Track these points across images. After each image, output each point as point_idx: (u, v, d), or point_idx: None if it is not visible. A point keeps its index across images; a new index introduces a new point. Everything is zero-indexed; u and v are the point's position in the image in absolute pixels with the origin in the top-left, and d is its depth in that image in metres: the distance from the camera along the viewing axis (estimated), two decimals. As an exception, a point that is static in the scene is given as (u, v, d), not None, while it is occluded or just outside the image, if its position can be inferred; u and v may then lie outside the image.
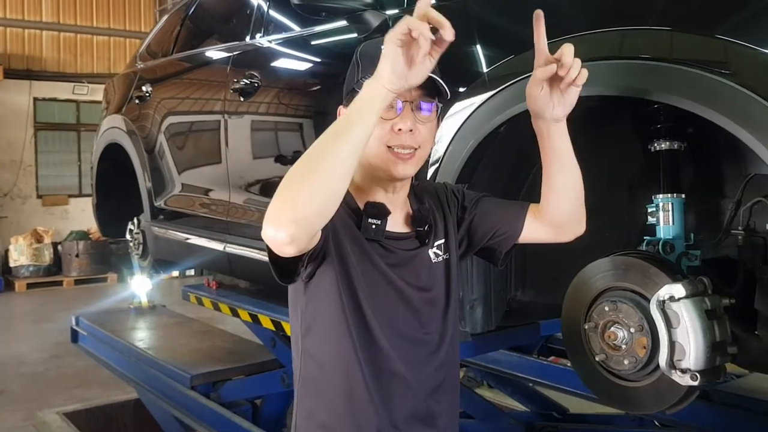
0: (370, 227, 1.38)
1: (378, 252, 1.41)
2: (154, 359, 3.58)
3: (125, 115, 4.00)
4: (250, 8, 3.02)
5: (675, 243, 1.64)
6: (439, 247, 1.49)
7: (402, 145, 1.36)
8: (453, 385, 1.52)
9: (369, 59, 1.35)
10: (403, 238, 1.45)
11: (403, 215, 1.48)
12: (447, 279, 1.50)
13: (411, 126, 1.35)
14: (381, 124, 1.33)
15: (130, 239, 4.23)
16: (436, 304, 1.48)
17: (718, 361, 1.43)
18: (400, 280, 1.42)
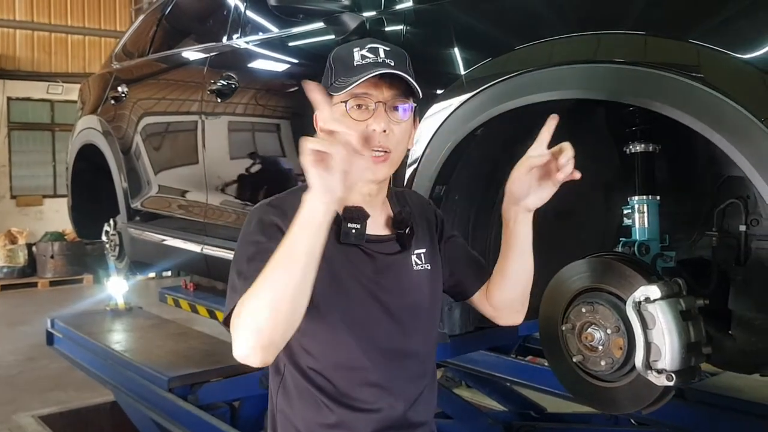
0: (350, 232, 1.36)
1: (358, 260, 1.38)
2: (130, 362, 3.54)
3: (101, 116, 3.96)
4: (227, 9, 3.00)
5: (650, 244, 1.66)
6: (419, 256, 1.47)
7: (376, 147, 1.34)
8: (432, 394, 1.50)
9: (341, 62, 1.35)
10: (384, 241, 1.43)
11: (383, 218, 1.46)
12: (430, 288, 1.47)
13: (384, 127, 1.33)
14: (355, 126, 1.30)
15: (106, 241, 4.18)
16: (418, 312, 1.45)
17: (693, 361, 1.45)
18: (381, 290, 1.39)
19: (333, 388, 1.37)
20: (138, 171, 3.56)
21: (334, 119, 1.10)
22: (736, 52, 1.26)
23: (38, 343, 5.17)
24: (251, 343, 1.17)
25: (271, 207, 1.37)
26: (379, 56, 1.34)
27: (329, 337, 1.37)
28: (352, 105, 1.33)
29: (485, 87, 1.71)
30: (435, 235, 1.53)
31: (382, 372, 1.38)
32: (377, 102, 1.34)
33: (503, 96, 1.67)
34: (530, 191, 1.37)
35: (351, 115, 1.33)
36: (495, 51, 1.73)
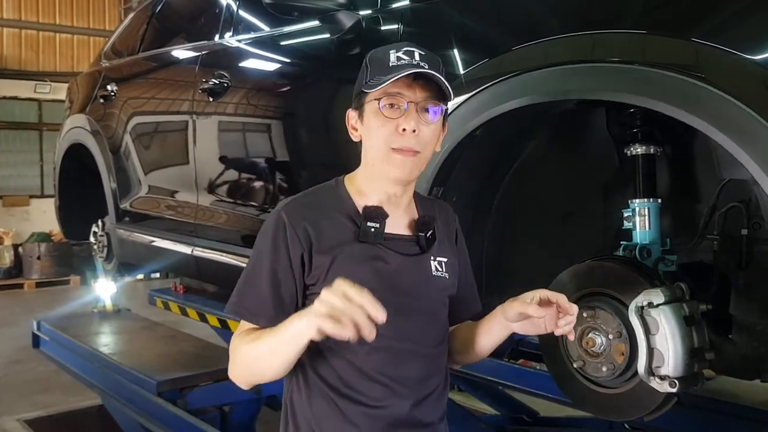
0: (369, 230, 1.39)
1: (376, 258, 1.40)
2: (119, 365, 3.49)
3: (89, 115, 3.91)
4: (219, 7, 2.96)
5: (652, 248, 1.63)
6: (440, 264, 1.47)
7: (404, 147, 1.36)
8: (443, 395, 1.49)
9: (377, 62, 1.38)
10: (404, 241, 1.45)
11: (406, 220, 1.48)
12: (444, 296, 1.48)
13: (414, 126, 1.35)
14: (385, 124, 1.36)
15: (94, 242, 4.13)
16: (430, 315, 1.46)
17: (696, 367, 1.42)
18: (395, 289, 1.40)
19: (341, 383, 1.38)
20: (127, 171, 3.51)
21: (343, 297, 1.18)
22: (742, 51, 1.23)
23: (24, 346, 5.11)
24: (241, 380, 1.40)
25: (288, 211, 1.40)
26: (414, 58, 1.37)
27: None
28: (384, 103, 1.36)
29: (483, 87, 1.68)
30: (455, 250, 1.54)
31: (391, 369, 1.39)
32: (409, 102, 1.36)
33: (502, 97, 1.64)
34: (521, 320, 1.40)
35: (383, 113, 1.36)
36: (493, 51, 1.71)
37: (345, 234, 1.40)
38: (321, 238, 1.38)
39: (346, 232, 1.40)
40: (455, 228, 1.58)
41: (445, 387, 1.52)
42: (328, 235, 1.38)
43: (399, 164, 1.37)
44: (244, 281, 1.42)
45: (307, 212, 1.40)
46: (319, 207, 1.43)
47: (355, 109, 1.44)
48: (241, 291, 1.42)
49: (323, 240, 1.38)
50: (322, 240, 1.38)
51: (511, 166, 1.91)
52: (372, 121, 1.38)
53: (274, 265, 1.38)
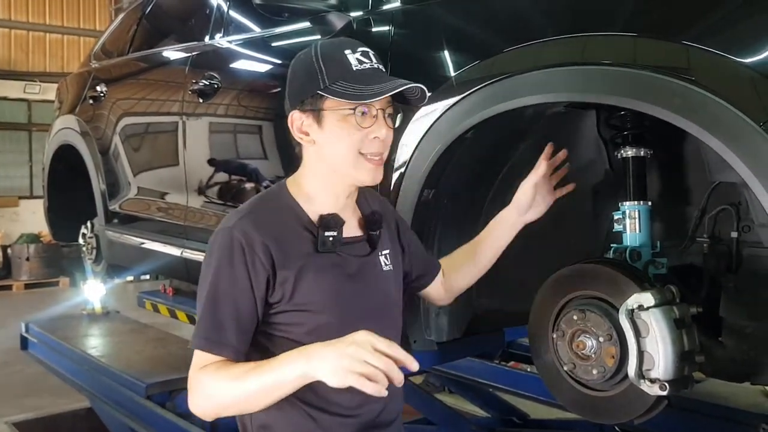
0: (327, 240, 1.37)
1: (333, 265, 1.38)
2: (107, 368, 3.45)
3: (79, 116, 3.88)
4: (209, 8, 2.94)
5: (642, 251, 1.63)
6: (386, 257, 1.49)
7: (375, 153, 1.36)
8: (400, 390, 1.47)
9: (336, 64, 1.34)
10: (356, 242, 1.45)
11: (355, 220, 1.48)
12: (395, 288, 1.51)
13: (386, 134, 1.36)
14: (357, 132, 1.34)
15: (83, 243, 4.10)
16: (387, 312, 1.48)
17: (687, 370, 1.42)
18: (355, 294, 1.40)
19: (312, 394, 1.35)
20: (116, 172, 3.49)
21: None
22: (733, 54, 1.23)
23: (12, 348, 5.04)
24: (210, 413, 1.33)
25: (243, 230, 1.34)
26: (372, 61, 1.37)
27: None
28: (359, 112, 1.34)
29: (475, 89, 1.67)
30: (395, 235, 1.57)
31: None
32: (378, 109, 1.35)
33: (493, 99, 1.63)
34: (534, 202, 1.63)
35: (358, 122, 1.34)
36: (484, 53, 1.70)
37: (304, 246, 1.36)
38: (282, 254, 1.32)
39: (305, 244, 1.36)
40: (391, 213, 1.60)
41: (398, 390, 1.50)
42: (289, 249, 1.34)
43: (370, 170, 1.37)
44: (205, 314, 1.33)
45: (263, 228, 1.33)
46: (272, 220, 1.36)
47: (306, 111, 1.37)
48: (203, 325, 1.33)
49: (285, 256, 1.32)
50: (284, 256, 1.32)
51: (502, 168, 1.90)
52: (339, 129, 1.34)
53: (234, 291, 1.31)
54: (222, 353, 1.31)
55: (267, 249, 1.32)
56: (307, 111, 1.37)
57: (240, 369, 1.28)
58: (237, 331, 1.32)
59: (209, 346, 1.32)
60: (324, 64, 1.34)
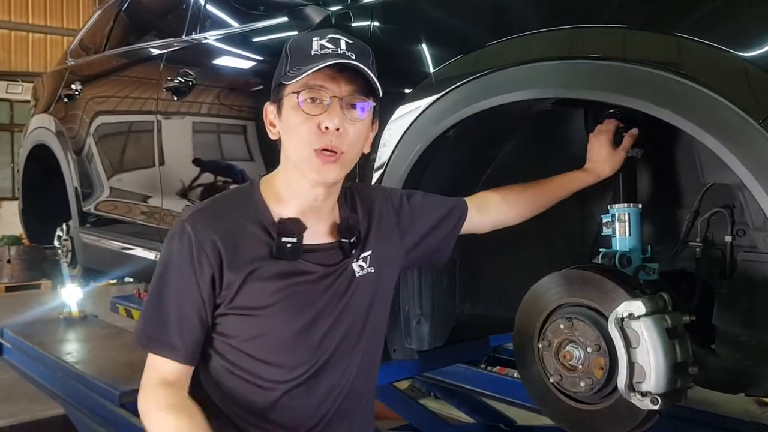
0: (285, 247, 1.27)
1: (294, 273, 1.30)
2: (81, 374, 3.36)
3: (53, 115, 3.80)
4: (186, 3, 2.86)
5: (632, 255, 1.56)
6: (365, 260, 1.39)
7: (327, 147, 1.24)
8: (362, 409, 1.42)
9: (298, 51, 1.26)
10: (325, 250, 1.35)
11: (329, 224, 1.38)
12: (372, 294, 1.40)
13: (338, 125, 1.24)
14: (306, 122, 1.24)
15: (58, 246, 4.01)
16: (358, 322, 1.38)
17: (680, 382, 1.34)
18: (314, 306, 1.32)
19: (251, 414, 1.30)
20: (90, 173, 3.40)
21: None
22: (730, 47, 1.16)
23: (-12, 353, 4.95)
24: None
25: (194, 225, 1.28)
26: (339, 47, 1.25)
27: (260, 359, 1.30)
28: (305, 97, 1.24)
29: (456, 86, 1.59)
30: (394, 230, 1.47)
31: (302, 400, 1.32)
32: (332, 97, 1.24)
33: (476, 95, 1.56)
34: (605, 157, 1.57)
35: (303, 109, 1.24)
36: (467, 47, 1.62)
37: (259, 249, 1.27)
38: (232, 255, 1.25)
39: (261, 247, 1.27)
40: (393, 204, 1.50)
41: (369, 397, 1.45)
42: (241, 250, 1.26)
43: (319, 168, 1.25)
44: (148, 310, 1.29)
45: (217, 224, 1.26)
46: (230, 217, 1.29)
47: (274, 102, 1.31)
48: (146, 321, 1.29)
49: (235, 257, 1.25)
50: (234, 257, 1.25)
51: (486, 168, 1.83)
52: (291, 118, 1.26)
53: (180, 290, 1.25)
54: (164, 354, 1.26)
55: (216, 247, 1.25)
56: (274, 102, 1.32)
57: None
58: (180, 330, 1.26)
59: (152, 346, 1.27)
60: (290, 53, 1.28)
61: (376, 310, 1.43)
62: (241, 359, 1.29)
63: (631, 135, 1.59)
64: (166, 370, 1.28)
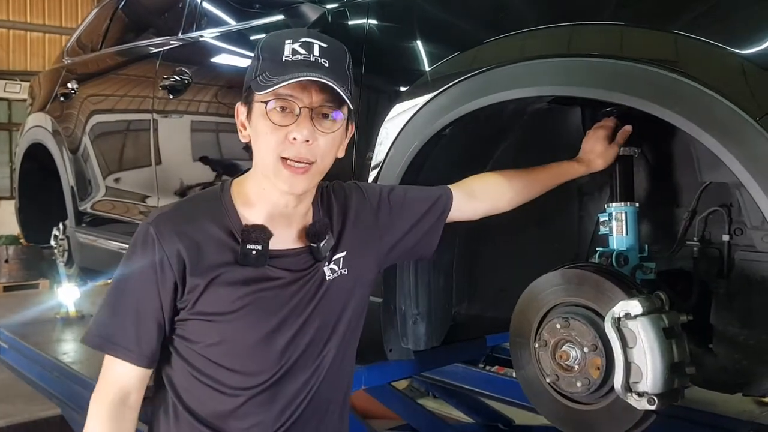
0: (249, 254, 1.23)
1: (259, 279, 1.26)
2: (77, 374, 3.36)
3: (50, 114, 3.78)
4: (182, 1, 2.85)
5: (629, 255, 1.55)
6: (336, 262, 1.35)
7: (296, 157, 1.21)
8: (328, 420, 1.39)
9: (269, 54, 1.22)
10: (294, 255, 1.31)
11: (299, 228, 1.33)
12: (346, 296, 1.37)
13: (308, 136, 1.20)
14: (274, 132, 1.20)
15: (55, 245, 3.99)
16: (329, 326, 1.34)
17: (677, 382, 1.33)
18: (282, 313, 1.29)
19: (216, 413, 1.28)
20: (86, 172, 3.40)
21: None
22: (729, 45, 1.15)
23: (-15, 353, 4.93)
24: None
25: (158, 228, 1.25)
26: (312, 53, 1.20)
27: (222, 364, 1.27)
28: (273, 107, 1.19)
29: (453, 84, 1.58)
30: (372, 228, 1.44)
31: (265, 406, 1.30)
32: (302, 107, 1.19)
33: (472, 93, 1.54)
34: (599, 151, 1.57)
35: (271, 119, 1.20)
36: (463, 45, 1.61)
37: (224, 255, 1.24)
38: (195, 260, 1.22)
39: (225, 253, 1.24)
40: (371, 203, 1.46)
41: (344, 402, 1.43)
42: (205, 256, 1.23)
43: (286, 178, 1.22)
44: (104, 307, 1.26)
45: (181, 228, 1.23)
46: (195, 221, 1.25)
47: (244, 104, 1.27)
48: (102, 319, 1.26)
49: (198, 262, 1.22)
50: (197, 262, 1.22)
51: (483, 167, 1.81)
52: (260, 125, 1.22)
53: (139, 292, 1.23)
54: (120, 356, 1.24)
55: (179, 252, 1.22)
56: (245, 104, 1.28)
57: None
58: (137, 333, 1.24)
59: (107, 347, 1.25)
60: (262, 54, 1.24)
61: (350, 312, 1.39)
62: (205, 365, 1.27)
63: (625, 131, 1.58)
64: (120, 373, 1.26)
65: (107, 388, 1.27)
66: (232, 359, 1.26)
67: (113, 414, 1.25)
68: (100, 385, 1.27)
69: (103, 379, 1.27)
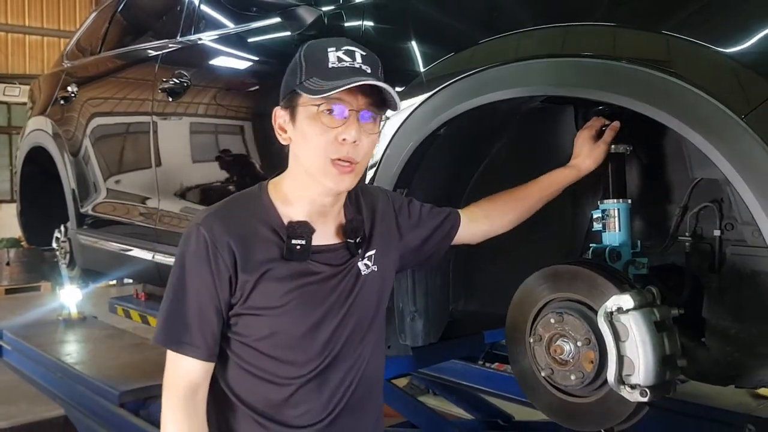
0: (294, 249, 1.32)
1: (304, 274, 1.34)
2: (81, 375, 3.39)
3: (50, 117, 3.80)
4: (180, 4, 2.87)
5: (621, 250, 1.57)
6: (369, 258, 1.44)
7: (344, 158, 1.28)
8: (369, 403, 1.48)
9: (315, 61, 1.29)
10: (332, 250, 1.39)
11: (335, 226, 1.42)
12: (376, 290, 1.45)
13: (356, 137, 1.28)
14: (324, 133, 1.28)
15: (56, 248, 4.02)
16: (365, 318, 1.43)
17: (668, 375, 1.36)
18: (327, 302, 1.37)
19: (265, 404, 1.35)
20: (87, 175, 3.41)
21: None
22: (715, 44, 1.17)
23: (-13, 355, 4.96)
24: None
25: (209, 228, 1.32)
26: (355, 60, 1.29)
27: (273, 356, 1.35)
28: (324, 109, 1.27)
29: (448, 84, 1.61)
30: (394, 229, 1.52)
31: (314, 394, 1.37)
32: (350, 110, 1.28)
33: (467, 93, 1.57)
34: (586, 152, 1.60)
35: (322, 120, 1.28)
36: (458, 46, 1.64)
37: (270, 251, 1.32)
38: (246, 257, 1.30)
39: (272, 249, 1.32)
40: (395, 206, 1.55)
41: (381, 392, 1.51)
42: (253, 252, 1.30)
43: (334, 176, 1.30)
44: (168, 310, 1.34)
45: (230, 227, 1.31)
46: (241, 220, 1.34)
47: (285, 108, 1.34)
48: (167, 321, 1.34)
49: (248, 259, 1.30)
50: (248, 259, 1.30)
51: (478, 166, 1.84)
52: (308, 127, 1.29)
53: (199, 291, 1.30)
54: (185, 352, 1.31)
55: (231, 249, 1.29)
56: (286, 108, 1.35)
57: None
58: (200, 328, 1.31)
59: (172, 344, 1.32)
60: (305, 61, 1.31)
61: (383, 306, 1.49)
62: (256, 357, 1.34)
63: (613, 128, 1.61)
64: (188, 369, 1.33)
65: (177, 383, 1.33)
66: (281, 350, 1.34)
67: (186, 409, 1.32)
68: (168, 383, 1.34)
69: (171, 376, 1.33)
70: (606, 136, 1.61)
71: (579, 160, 1.62)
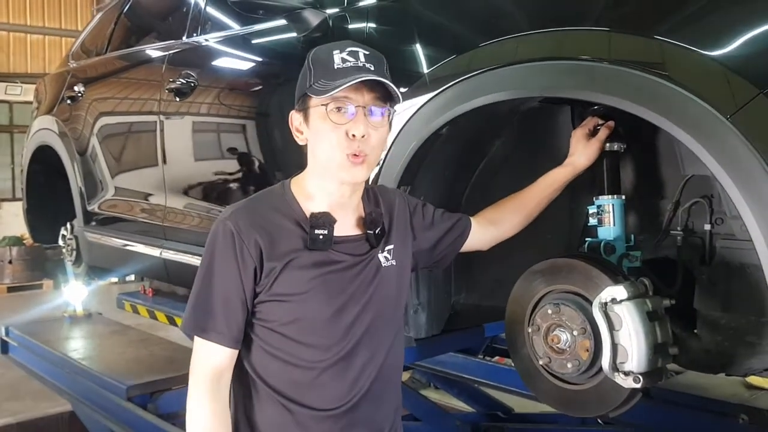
0: (317, 238, 1.40)
1: (327, 263, 1.42)
2: (88, 370, 3.44)
3: (56, 116, 3.85)
4: (186, 6, 2.92)
5: (616, 244, 1.64)
6: (389, 252, 1.51)
7: (355, 152, 1.37)
8: (389, 392, 1.53)
9: (321, 64, 1.37)
10: (353, 241, 1.46)
11: (355, 218, 1.50)
12: (396, 283, 1.51)
13: (364, 132, 1.36)
14: (335, 130, 1.36)
15: (63, 245, 4.07)
16: (385, 308, 1.49)
17: (660, 362, 1.43)
18: (348, 291, 1.43)
19: (292, 388, 1.42)
20: (94, 173, 3.46)
21: None
22: (702, 48, 1.24)
23: (-7, 352, 5.00)
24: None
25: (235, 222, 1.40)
26: (359, 60, 1.37)
27: (298, 340, 1.41)
28: (332, 108, 1.36)
29: (449, 85, 1.67)
30: (409, 229, 1.59)
31: (340, 378, 1.43)
32: (357, 106, 1.36)
33: (468, 94, 1.63)
34: (580, 149, 1.67)
35: (330, 118, 1.36)
36: (459, 48, 1.70)
37: (294, 241, 1.40)
38: (271, 248, 1.38)
39: (296, 240, 1.40)
40: (410, 207, 1.62)
41: (394, 383, 1.55)
42: (278, 244, 1.38)
43: (350, 170, 1.38)
44: (195, 299, 1.42)
45: (255, 221, 1.40)
46: (266, 215, 1.42)
47: (299, 111, 1.43)
48: (194, 309, 1.43)
49: (273, 250, 1.38)
50: (273, 249, 1.38)
51: (478, 164, 1.90)
52: (319, 126, 1.38)
53: (225, 281, 1.38)
54: (212, 339, 1.39)
55: (257, 241, 1.37)
56: (300, 110, 1.44)
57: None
58: (226, 317, 1.39)
59: (199, 332, 1.40)
60: (313, 65, 1.39)
61: (403, 298, 1.56)
62: (281, 342, 1.41)
63: (607, 127, 1.67)
64: (213, 355, 1.40)
65: (203, 370, 1.41)
66: (305, 335, 1.41)
67: (211, 392, 1.39)
68: (195, 369, 1.41)
69: (197, 361, 1.41)
70: (600, 134, 1.67)
71: (574, 158, 1.68)
